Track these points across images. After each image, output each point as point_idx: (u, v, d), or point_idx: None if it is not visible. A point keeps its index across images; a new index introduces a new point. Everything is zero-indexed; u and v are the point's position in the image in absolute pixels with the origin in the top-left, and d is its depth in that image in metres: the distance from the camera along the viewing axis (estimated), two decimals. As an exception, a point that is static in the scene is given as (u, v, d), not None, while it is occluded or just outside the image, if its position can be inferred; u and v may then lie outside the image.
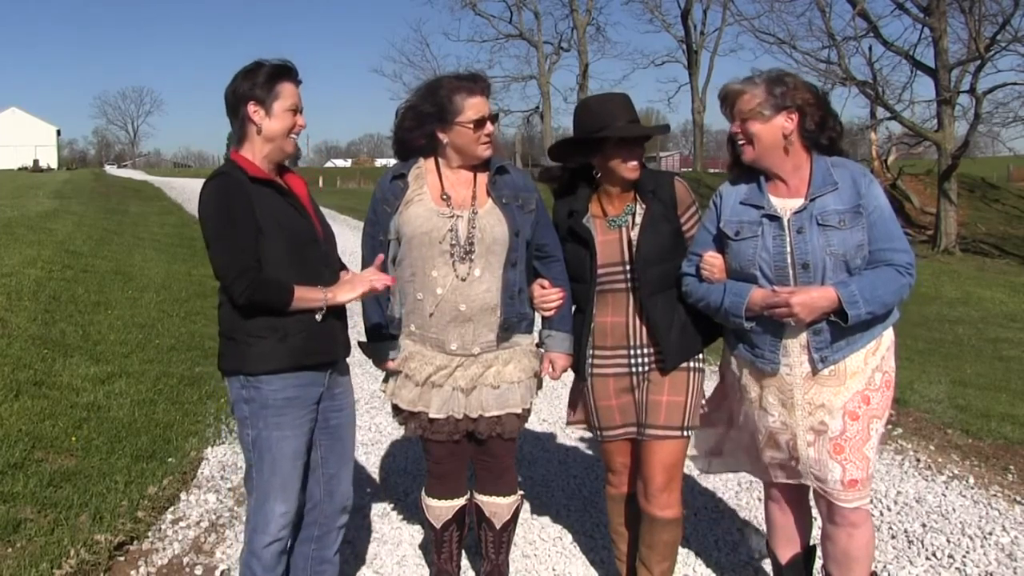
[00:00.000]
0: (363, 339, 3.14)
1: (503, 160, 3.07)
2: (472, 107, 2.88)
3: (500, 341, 3.01)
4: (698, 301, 2.93)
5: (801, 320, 2.67)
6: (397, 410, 3.14)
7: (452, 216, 2.94)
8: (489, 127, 2.93)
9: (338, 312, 2.79)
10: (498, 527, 3.22)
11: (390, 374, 3.12)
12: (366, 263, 3.07)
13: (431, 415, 3.02)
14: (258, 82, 2.70)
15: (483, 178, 3.01)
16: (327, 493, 2.91)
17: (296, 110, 2.75)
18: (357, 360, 3.13)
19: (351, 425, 2.97)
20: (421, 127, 2.95)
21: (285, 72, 2.74)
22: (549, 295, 3.05)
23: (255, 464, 2.75)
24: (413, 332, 3.02)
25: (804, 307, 2.64)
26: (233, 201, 2.63)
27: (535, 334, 3.14)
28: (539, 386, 3.17)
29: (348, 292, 2.74)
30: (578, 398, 3.22)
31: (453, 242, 2.92)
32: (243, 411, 2.73)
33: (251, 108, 2.70)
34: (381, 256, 2.87)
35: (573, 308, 3.14)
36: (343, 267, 2.92)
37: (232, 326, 2.69)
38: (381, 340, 3.06)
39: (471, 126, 2.89)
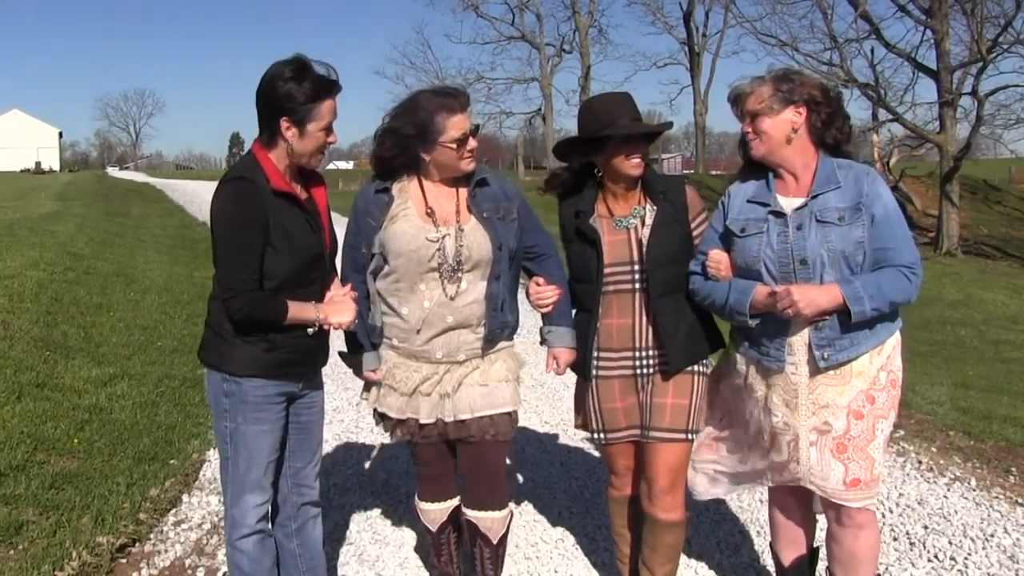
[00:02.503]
0: (343, 350, 3.11)
1: (484, 171, 3.03)
2: (454, 126, 2.85)
3: (485, 349, 3.00)
4: (704, 299, 2.93)
5: (803, 315, 2.66)
6: (382, 417, 3.11)
7: (439, 234, 2.91)
8: (472, 143, 2.90)
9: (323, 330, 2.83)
10: (495, 542, 3.14)
11: (372, 383, 3.10)
12: (345, 273, 3.01)
13: (421, 420, 3.00)
14: (298, 100, 2.59)
15: (464, 192, 2.98)
16: (294, 486, 2.94)
17: (330, 127, 2.69)
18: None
19: (320, 422, 3.01)
20: (403, 150, 2.90)
21: (328, 89, 2.64)
22: (544, 292, 3.05)
23: (231, 457, 2.79)
24: (397, 345, 3.01)
25: (805, 299, 2.62)
26: (247, 214, 2.61)
27: (515, 339, 3.13)
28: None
29: (343, 316, 2.78)
30: (581, 402, 3.21)
31: (441, 260, 2.90)
32: (222, 404, 2.77)
33: (284, 124, 2.62)
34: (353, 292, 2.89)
35: (577, 310, 3.13)
36: (333, 270, 2.93)
37: (220, 320, 2.71)
38: (362, 351, 3.04)
39: (454, 146, 2.86)
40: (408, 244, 2.90)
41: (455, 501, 3.22)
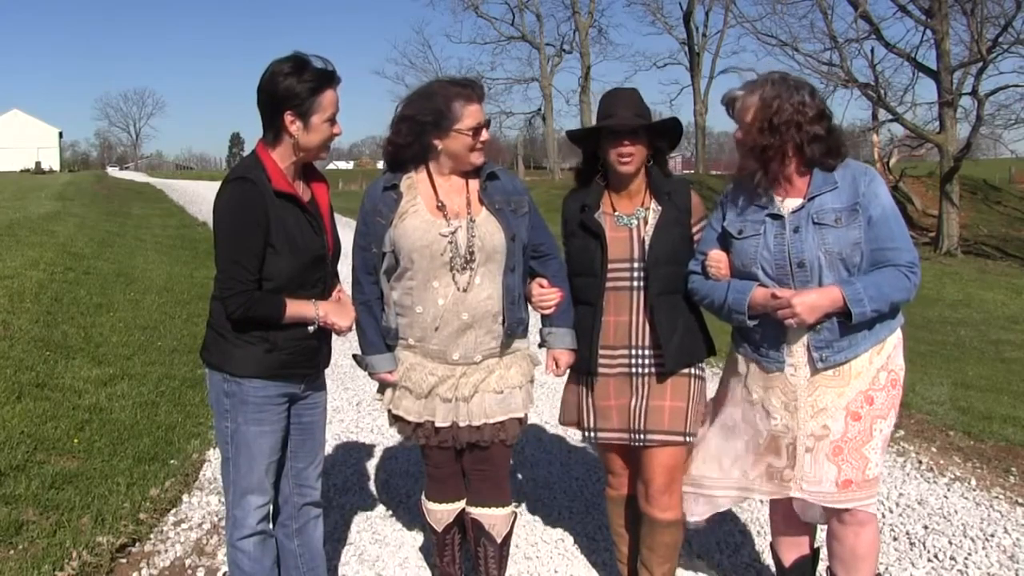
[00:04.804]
0: (357, 352, 3.10)
1: (493, 166, 3.04)
2: (470, 115, 2.86)
3: (503, 348, 2.99)
4: (703, 299, 2.94)
5: (803, 322, 2.67)
6: (397, 419, 3.10)
7: (450, 227, 2.90)
8: (485, 134, 2.92)
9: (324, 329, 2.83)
10: (499, 541, 3.14)
11: (387, 385, 3.09)
12: (357, 276, 3.03)
13: (437, 424, 2.99)
14: (299, 92, 2.59)
15: (475, 185, 2.98)
16: (296, 486, 2.95)
17: (334, 118, 2.69)
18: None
19: (322, 423, 3.01)
20: (418, 137, 2.90)
21: (328, 80, 2.65)
22: (547, 294, 3.05)
23: (232, 458, 2.80)
24: (412, 345, 2.99)
25: (806, 307, 2.64)
26: (248, 215, 2.61)
27: (529, 337, 3.13)
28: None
29: (343, 318, 2.81)
30: (572, 397, 3.21)
31: (453, 253, 2.89)
32: (223, 404, 2.77)
33: (288, 118, 2.62)
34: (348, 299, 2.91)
35: (577, 304, 3.12)
36: (336, 277, 2.93)
37: (222, 321, 2.72)
38: (377, 353, 3.03)
39: (469, 134, 2.87)
40: (420, 239, 2.89)
41: (462, 503, 3.21)
